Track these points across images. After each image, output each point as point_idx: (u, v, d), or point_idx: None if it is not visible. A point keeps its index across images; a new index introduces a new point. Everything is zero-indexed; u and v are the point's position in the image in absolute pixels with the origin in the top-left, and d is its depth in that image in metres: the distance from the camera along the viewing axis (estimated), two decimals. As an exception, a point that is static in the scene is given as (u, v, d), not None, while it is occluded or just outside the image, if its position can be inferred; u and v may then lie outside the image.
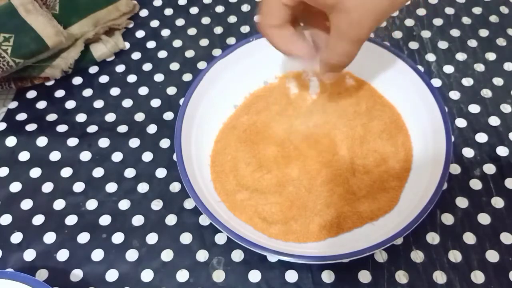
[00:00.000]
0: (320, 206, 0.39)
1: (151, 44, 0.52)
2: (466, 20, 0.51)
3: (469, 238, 0.39)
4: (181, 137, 0.40)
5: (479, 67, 0.48)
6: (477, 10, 0.52)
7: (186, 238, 0.40)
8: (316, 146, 0.42)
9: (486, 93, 0.46)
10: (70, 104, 0.48)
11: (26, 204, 0.42)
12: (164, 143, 0.45)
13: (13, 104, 0.49)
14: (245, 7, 0.54)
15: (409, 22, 0.52)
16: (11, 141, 0.46)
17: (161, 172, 0.44)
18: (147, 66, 0.51)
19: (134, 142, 0.45)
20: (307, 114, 0.44)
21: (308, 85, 0.45)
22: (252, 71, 0.46)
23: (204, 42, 0.52)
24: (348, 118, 0.43)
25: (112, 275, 0.39)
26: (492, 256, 0.38)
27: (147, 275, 0.39)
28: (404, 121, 0.43)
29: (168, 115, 0.47)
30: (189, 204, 0.42)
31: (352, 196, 0.39)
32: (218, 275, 0.38)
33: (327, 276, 0.38)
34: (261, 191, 0.40)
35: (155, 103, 0.48)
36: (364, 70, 0.45)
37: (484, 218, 0.40)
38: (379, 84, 0.45)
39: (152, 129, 0.46)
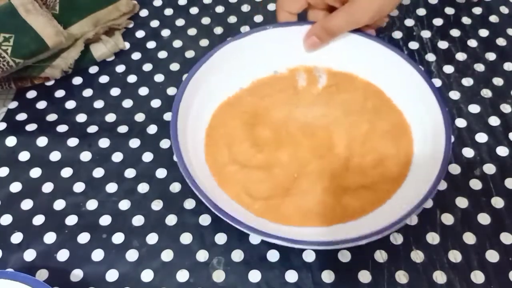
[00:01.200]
0: (304, 194, 0.40)
1: (151, 44, 0.52)
2: (466, 20, 0.51)
3: (469, 238, 0.39)
4: (179, 107, 0.41)
5: (479, 67, 0.48)
6: (477, 10, 0.52)
7: (186, 238, 0.40)
8: (311, 137, 0.43)
9: (486, 93, 0.46)
10: (70, 104, 0.48)
11: (26, 204, 0.42)
12: (165, 143, 0.45)
13: (13, 104, 0.49)
14: (245, 7, 0.54)
15: (409, 22, 0.52)
16: (11, 141, 0.46)
17: (161, 173, 0.44)
18: (147, 66, 0.51)
19: (134, 143, 0.45)
20: (309, 105, 0.45)
21: (317, 80, 0.46)
22: (263, 58, 0.46)
23: (204, 42, 0.52)
24: (353, 114, 0.43)
25: (112, 275, 0.39)
26: (492, 256, 0.38)
27: (147, 275, 0.39)
28: (410, 126, 0.43)
29: (169, 116, 0.47)
30: (189, 204, 0.42)
31: (340, 191, 0.40)
32: (218, 275, 0.38)
33: (327, 276, 0.38)
34: (251, 168, 0.41)
35: (155, 103, 0.48)
36: (371, 72, 0.45)
37: (484, 218, 0.40)
38: (385, 85, 0.45)
39: (152, 129, 0.46)
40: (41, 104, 0.48)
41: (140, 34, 0.53)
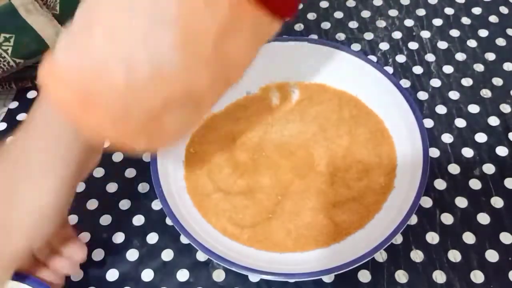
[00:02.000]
0: (291, 216, 0.39)
1: (151, 44, 0.52)
2: (465, 20, 0.51)
3: (469, 238, 0.39)
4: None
5: (479, 67, 0.48)
6: (476, 10, 0.52)
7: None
8: (290, 157, 0.42)
9: (486, 93, 0.46)
10: (71, 104, 0.48)
11: (27, 204, 0.42)
12: (164, 143, 0.45)
13: (14, 104, 0.49)
14: (245, 8, 0.54)
15: (409, 22, 0.52)
16: (11, 141, 0.46)
17: (161, 172, 0.43)
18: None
19: (134, 142, 0.45)
20: (284, 123, 0.44)
21: (290, 95, 0.45)
22: None
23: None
24: (330, 126, 0.43)
25: (112, 275, 0.39)
26: (492, 255, 0.38)
27: (147, 275, 0.39)
28: (388, 130, 0.43)
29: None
30: (189, 204, 0.42)
31: (329, 207, 0.39)
32: (218, 275, 0.38)
33: (327, 276, 0.38)
34: (234, 195, 0.40)
35: (155, 103, 0.48)
36: (342, 80, 0.45)
37: (483, 218, 0.40)
38: (358, 92, 0.45)
39: (152, 129, 0.46)
40: (42, 104, 0.48)
41: (140, 34, 0.53)
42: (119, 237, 0.40)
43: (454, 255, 0.38)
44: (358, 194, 0.39)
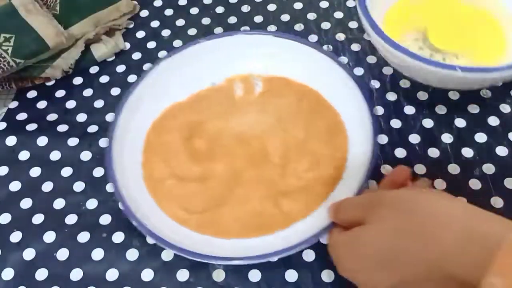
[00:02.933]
0: (241, 203, 0.40)
1: (151, 45, 0.52)
2: (465, 21, 0.51)
3: (469, 237, 0.39)
4: (114, 132, 0.41)
5: (479, 68, 0.48)
6: (476, 11, 0.52)
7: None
8: (246, 146, 0.43)
9: (486, 93, 0.46)
10: (71, 104, 0.48)
11: (26, 203, 0.42)
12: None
13: (14, 104, 0.49)
14: (245, 8, 0.54)
15: (409, 23, 0.52)
16: (11, 141, 0.46)
17: (161, 172, 0.43)
18: (148, 67, 0.51)
19: (134, 142, 0.45)
20: (244, 113, 0.45)
21: (254, 88, 0.46)
22: (199, 72, 0.46)
23: (204, 42, 0.52)
24: (288, 118, 0.44)
25: (112, 275, 0.39)
26: (492, 255, 0.38)
27: (147, 275, 0.38)
28: (344, 124, 0.43)
29: (168, 115, 0.47)
30: (189, 203, 0.42)
31: (278, 196, 0.40)
32: (218, 275, 0.38)
33: (327, 276, 0.38)
34: (188, 181, 0.41)
35: (155, 103, 0.48)
36: (305, 75, 0.46)
37: (483, 218, 0.39)
38: (319, 86, 0.45)
39: (152, 129, 0.46)
40: (42, 104, 0.49)
41: (140, 34, 0.53)
42: (119, 237, 0.40)
43: (454, 255, 0.38)
44: (307, 184, 0.40)
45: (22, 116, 0.48)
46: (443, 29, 0.43)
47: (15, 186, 0.43)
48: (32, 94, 0.49)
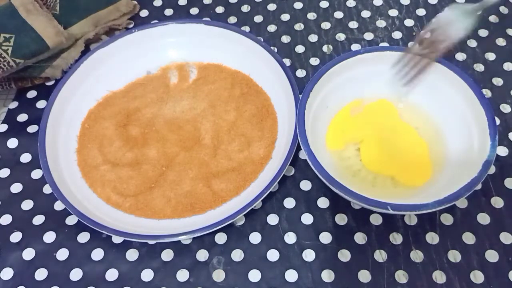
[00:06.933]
0: (173, 185, 0.41)
1: (151, 44, 0.52)
2: (465, 21, 0.51)
3: (469, 238, 0.39)
4: (49, 115, 0.44)
5: (479, 67, 0.48)
6: (476, 11, 0.52)
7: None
8: (178, 131, 0.44)
9: (486, 93, 0.46)
10: (71, 104, 0.48)
11: (27, 204, 0.42)
12: (164, 143, 0.45)
13: (14, 104, 0.49)
14: (245, 8, 0.54)
15: (409, 22, 0.52)
16: (12, 143, 0.46)
17: (161, 172, 0.44)
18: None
19: (134, 142, 0.45)
20: (178, 100, 0.47)
21: (188, 75, 0.48)
22: (134, 60, 0.48)
23: (204, 42, 0.52)
24: (220, 103, 0.46)
25: (112, 275, 0.39)
26: (492, 256, 0.38)
27: (147, 275, 0.39)
28: (274, 107, 0.45)
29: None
30: (189, 204, 0.42)
31: (209, 177, 0.42)
32: (218, 275, 0.38)
33: (327, 276, 0.38)
34: (121, 166, 0.43)
35: (155, 103, 0.48)
36: (238, 61, 0.48)
37: (483, 218, 0.40)
38: (251, 72, 0.47)
39: (152, 129, 0.46)
40: (42, 104, 0.48)
41: (140, 34, 0.53)
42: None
43: (454, 255, 0.38)
44: (238, 165, 0.42)
45: (23, 117, 0.48)
46: (374, 152, 0.41)
47: (16, 188, 0.43)
48: (32, 94, 0.49)
